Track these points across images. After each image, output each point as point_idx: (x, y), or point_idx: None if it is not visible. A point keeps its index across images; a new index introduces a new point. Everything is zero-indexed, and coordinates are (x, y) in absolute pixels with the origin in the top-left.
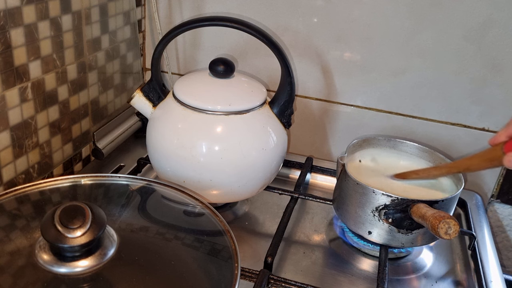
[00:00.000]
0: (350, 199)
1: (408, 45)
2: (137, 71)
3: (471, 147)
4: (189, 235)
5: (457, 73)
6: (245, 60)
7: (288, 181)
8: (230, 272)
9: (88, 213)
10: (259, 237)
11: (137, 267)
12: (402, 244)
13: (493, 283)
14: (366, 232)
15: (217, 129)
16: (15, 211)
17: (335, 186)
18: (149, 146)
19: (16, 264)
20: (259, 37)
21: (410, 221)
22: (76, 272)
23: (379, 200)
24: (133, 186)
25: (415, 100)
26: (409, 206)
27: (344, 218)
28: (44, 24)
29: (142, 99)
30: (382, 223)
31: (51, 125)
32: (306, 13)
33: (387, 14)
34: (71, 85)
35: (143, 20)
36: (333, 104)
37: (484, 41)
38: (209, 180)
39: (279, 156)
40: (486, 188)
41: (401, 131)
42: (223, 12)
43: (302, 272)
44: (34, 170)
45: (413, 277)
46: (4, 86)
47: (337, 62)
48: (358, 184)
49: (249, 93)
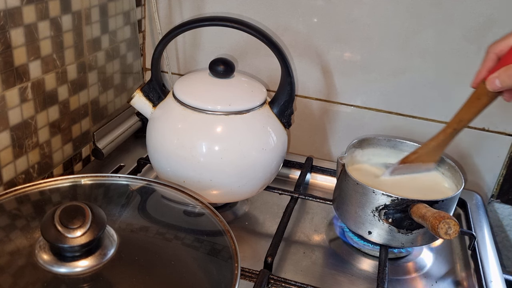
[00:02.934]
0: (350, 199)
1: (408, 45)
2: (137, 71)
3: (471, 147)
4: (189, 235)
5: (457, 73)
6: (245, 60)
7: (288, 181)
8: (230, 272)
9: (88, 213)
10: (259, 237)
11: (137, 267)
12: (402, 244)
13: (493, 283)
14: (366, 232)
15: (217, 129)
16: (15, 211)
17: (335, 186)
18: (149, 146)
19: (16, 264)
20: (259, 37)
21: (410, 221)
22: (76, 272)
23: (379, 200)
24: (133, 186)
25: (415, 100)
26: (409, 206)
27: (344, 218)
28: (44, 24)
29: (142, 99)
30: (382, 223)
31: (51, 125)
32: (306, 13)
33: (387, 14)
34: (71, 85)
35: (143, 20)
36: (333, 104)
37: (484, 41)
38: (209, 180)
39: (279, 156)
40: (486, 188)
41: (401, 131)
42: (223, 12)
43: (302, 272)
44: (34, 170)
45: (413, 277)
46: (4, 86)
47: (337, 62)
48: (358, 184)
49: (249, 93)
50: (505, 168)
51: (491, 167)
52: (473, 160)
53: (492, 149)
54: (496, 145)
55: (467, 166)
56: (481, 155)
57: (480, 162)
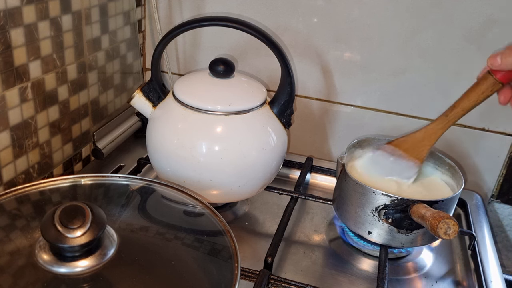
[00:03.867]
0: (350, 199)
1: (408, 45)
2: (137, 71)
3: (471, 147)
4: (189, 235)
5: (457, 73)
6: (245, 60)
7: (288, 181)
8: (230, 272)
9: (88, 213)
10: (259, 237)
11: (137, 267)
12: (402, 244)
13: (493, 283)
14: (366, 232)
15: (217, 129)
16: (15, 211)
17: (335, 186)
18: (149, 146)
19: (16, 264)
20: (259, 37)
21: (410, 221)
22: (76, 272)
23: (379, 200)
24: (133, 186)
25: (415, 100)
26: (409, 206)
27: (344, 218)
28: (44, 24)
29: (142, 99)
30: (382, 223)
31: (51, 125)
32: (306, 13)
33: (387, 14)
34: (71, 85)
35: (143, 20)
36: (333, 104)
37: (484, 41)
38: (209, 180)
39: (279, 156)
40: (486, 188)
41: (401, 131)
42: (223, 12)
43: (302, 272)
44: (34, 170)
45: (413, 277)
46: (4, 86)
47: (337, 62)
48: (358, 184)
49: (249, 93)
50: (505, 168)
51: (491, 167)
52: (473, 160)
53: (492, 149)
54: (496, 145)
55: (467, 166)
56: (481, 155)
57: (480, 162)
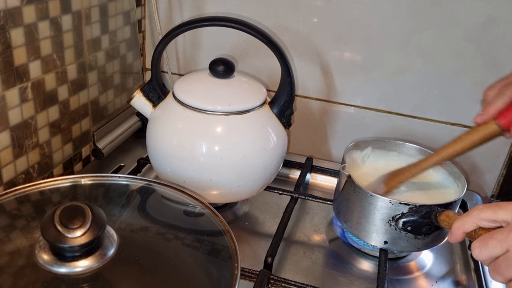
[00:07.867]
0: (362, 211)
1: (408, 45)
2: (137, 71)
3: None
4: (189, 235)
5: (457, 73)
6: (245, 60)
7: (288, 181)
8: (230, 272)
9: (88, 213)
10: (259, 237)
11: (137, 267)
12: (418, 248)
13: (493, 283)
14: (381, 242)
15: (217, 129)
16: (15, 211)
17: (339, 198)
18: (149, 146)
19: (16, 264)
20: (259, 37)
21: (429, 226)
22: (76, 272)
23: (395, 210)
24: (133, 186)
25: (415, 100)
26: (430, 212)
27: (355, 230)
28: (44, 24)
29: (142, 99)
30: (399, 231)
31: (51, 125)
32: (306, 13)
33: (387, 14)
34: (71, 85)
35: (143, 20)
36: (333, 104)
37: (484, 41)
38: (209, 180)
39: (279, 156)
40: (486, 188)
41: (401, 131)
42: (223, 12)
43: (302, 272)
44: (34, 170)
45: (413, 277)
46: (4, 86)
47: (337, 62)
48: (372, 196)
49: (249, 93)
50: (505, 168)
51: (491, 167)
52: (473, 160)
53: (492, 149)
54: (496, 145)
55: (467, 166)
56: (481, 155)
57: (480, 162)
